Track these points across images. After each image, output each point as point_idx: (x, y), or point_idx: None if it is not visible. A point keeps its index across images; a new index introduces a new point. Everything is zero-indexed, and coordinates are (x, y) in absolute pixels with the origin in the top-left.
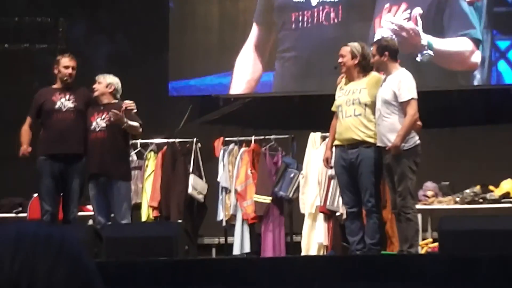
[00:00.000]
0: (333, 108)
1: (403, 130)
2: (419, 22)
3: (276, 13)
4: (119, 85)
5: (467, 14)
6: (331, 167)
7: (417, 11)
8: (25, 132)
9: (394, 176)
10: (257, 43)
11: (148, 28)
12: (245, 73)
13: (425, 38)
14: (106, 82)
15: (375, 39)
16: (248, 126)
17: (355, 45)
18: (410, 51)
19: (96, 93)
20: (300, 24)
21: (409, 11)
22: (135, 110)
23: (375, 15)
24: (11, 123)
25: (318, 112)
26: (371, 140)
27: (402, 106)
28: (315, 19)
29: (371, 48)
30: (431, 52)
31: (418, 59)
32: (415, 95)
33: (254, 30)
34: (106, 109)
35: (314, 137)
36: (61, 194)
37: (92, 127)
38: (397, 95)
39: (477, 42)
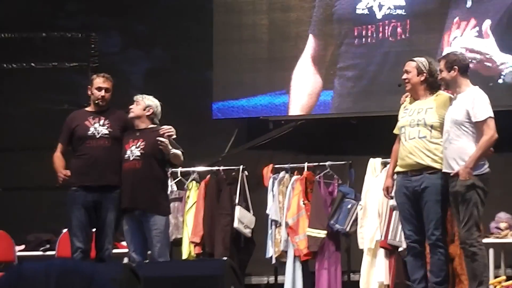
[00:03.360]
0: (396, 131)
1: (478, 151)
2: (491, 38)
3: (335, 25)
4: (159, 108)
5: None
6: (391, 197)
7: (487, 24)
8: (58, 158)
9: (460, 206)
10: (314, 57)
11: (190, 41)
12: (302, 91)
13: (504, 58)
14: (145, 104)
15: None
16: (301, 151)
17: (422, 60)
18: (487, 74)
19: (131, 115)
20: (363, 39)
21: (477, 28)
22: (174, 136)
23: (444, 30)
24: (37, 150)
25: (378, 136)
26: (437, 166)
27: (478, 126)
28: (380, 34)
29: (439, 64)
30: None
31: (500, 80)
32: (491, 114)
33: (310, 42)
34: (142, 136)
35: (374, 164)
36: (94, 229)
37: (126, 155)
38: (471, 114)
39: None
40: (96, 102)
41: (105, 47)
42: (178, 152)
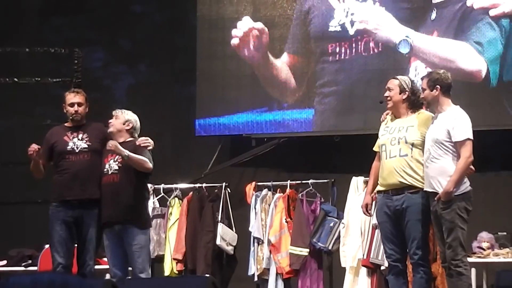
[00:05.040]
0: (375, 148)
1: (456, 174)
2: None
3: (312, 43)
4: (138, 123)
5: (484, 30)
6: (371, 214)
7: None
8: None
9: (442, 225)
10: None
11: (174, 57)
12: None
13: (404, 32)
14: (124, 119)
15: (410, 71)
16: (283, 169)
17: (405, 79)
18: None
19: (111, 129)
20: (337, 56)
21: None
22: (151, 147)
23: None
24: (19, 165)
25: (361, 154)
26: (419, 185)
27: (456, 147)
28: (354, 50)
29: (422, 82)
30: (409, 39)
31: (397, 47)
32: (471, 136)
33: (287, 59)
34: None
35: (357, 182)
36: (76, 244)
37: (105, 169)
38: (451, 134)
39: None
40: (72, 118)
41: (90, 62)
42: (137, 156)
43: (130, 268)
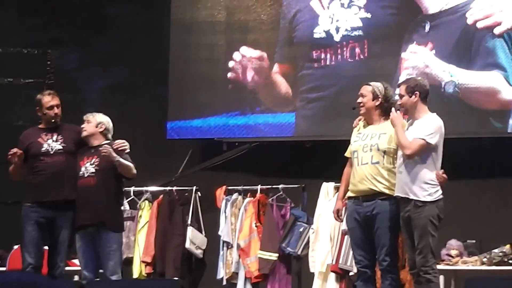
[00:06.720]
0: (347, 154)
1: (399, 132)
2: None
3: (296, 48)
4: (110, 124)
5: (495, 50)
6: (342, 220)
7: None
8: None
9: (413, 232)
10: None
11: (147, 60)
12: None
13: (447, 69)
14: (96, 121)
15: (400, 79)
16: (254, 173)
17: (378, 85)
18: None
19: (84, 133)
20: (322, 62)
21: (434, 52)
22: (128, 150)
23: (402, 50)
24: None
25: (332, 159)
26: (389, 192)
27: (430, 153)
28: (339, 56)
29: (399, 88)
30: (455, 79)
31: (442, 89)
32: (430, 141)
33: (277, 69)
34: (96, 153)
35: (327, 188)
36: (47, 245)
37: (81, 172)
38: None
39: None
40: (52, 120)
41: (64, 63)
42: (126, 162)
43: (101, 271)
